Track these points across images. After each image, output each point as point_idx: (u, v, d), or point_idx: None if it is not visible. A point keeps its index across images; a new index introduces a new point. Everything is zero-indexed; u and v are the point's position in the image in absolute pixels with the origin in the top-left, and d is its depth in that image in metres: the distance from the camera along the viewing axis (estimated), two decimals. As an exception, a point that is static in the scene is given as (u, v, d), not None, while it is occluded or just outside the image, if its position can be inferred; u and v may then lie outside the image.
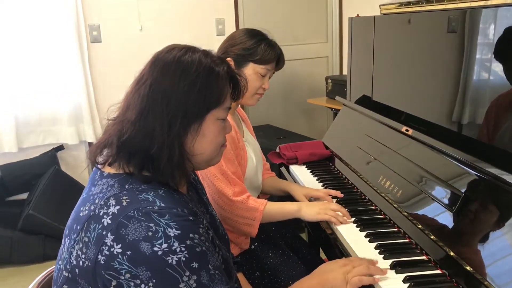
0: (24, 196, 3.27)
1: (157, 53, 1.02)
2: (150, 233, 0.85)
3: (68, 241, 0.94)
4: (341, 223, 1.46)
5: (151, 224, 0.86)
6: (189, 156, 0.98)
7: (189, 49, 1.00)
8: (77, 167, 3.49)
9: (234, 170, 1.57)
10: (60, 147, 3.45)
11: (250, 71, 1.64)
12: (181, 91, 0.95)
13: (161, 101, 0.94)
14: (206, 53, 1.01)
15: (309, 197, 1.70)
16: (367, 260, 1.19)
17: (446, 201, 1.28)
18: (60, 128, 3.39)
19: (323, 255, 1.94)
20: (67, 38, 3.28)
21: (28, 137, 3.33)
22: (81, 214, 0.93)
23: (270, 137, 3.48)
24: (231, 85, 1.05)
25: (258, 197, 1.85)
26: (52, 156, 3.38)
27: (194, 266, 0.87)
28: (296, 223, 2.32)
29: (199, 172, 1.56)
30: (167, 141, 0.93)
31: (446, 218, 1.27)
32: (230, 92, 1.05)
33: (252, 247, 1.65)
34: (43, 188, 3.07)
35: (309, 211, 1.54)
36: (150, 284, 0.84)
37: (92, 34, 3.43)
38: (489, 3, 1.41)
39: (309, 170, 2.02)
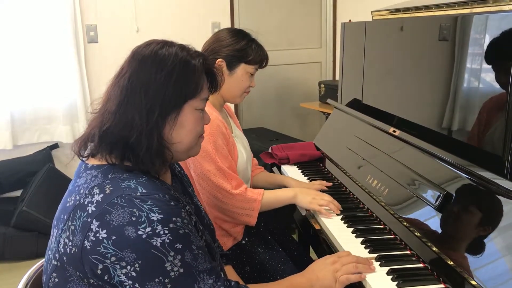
0: (18, 193, 3.29)
1: (136, 47, 1.07)
2: (133, 218, 0.89)
3: (56, 231, 0.99)
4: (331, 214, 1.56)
5: (134, 210, 0.90)
6: (168, 145, 1.02)
7: (166, 43, 1.05)
8: (71, 165, 3.49)
9: (228, 165, 1.63)
10: (55, 145, 3.48)
11: (242, 71, 1.70)
12: (158, 83, 0.99)
13: (140, 92, 0.99)
14: (183, 47, 1.06)
15: None
16: (356, 258, 1.22)
17: (429, 199, 1.33)
18: (55, 127, 3.42)
19: (314, 256, 1.98)
20: (64, 38, 3.31)
21: (23, 135, 3.35)
22: (67, 205, 0.98)
23: (263, 140, 3.52)
24: (208, 78, 1.10)
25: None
26: (46, 154, 3.41)
27: (178, 247, 0.92)
28: (286, 222, 2.37)
29: (194, 170, 1.61)
30: (146, 130, 0.98)
31: (429, 216, 1.31)
32: (206, 83, 1.09)
33: (243, 242, 1.70)
34: (37, 185, 3.08)
35: (304, 199, 1.63)
36: (136, 265, 0.89)
37: (89, 34, 3.47)
38: (474, 11, 1.46)
39: (300, 170, 2.07)
